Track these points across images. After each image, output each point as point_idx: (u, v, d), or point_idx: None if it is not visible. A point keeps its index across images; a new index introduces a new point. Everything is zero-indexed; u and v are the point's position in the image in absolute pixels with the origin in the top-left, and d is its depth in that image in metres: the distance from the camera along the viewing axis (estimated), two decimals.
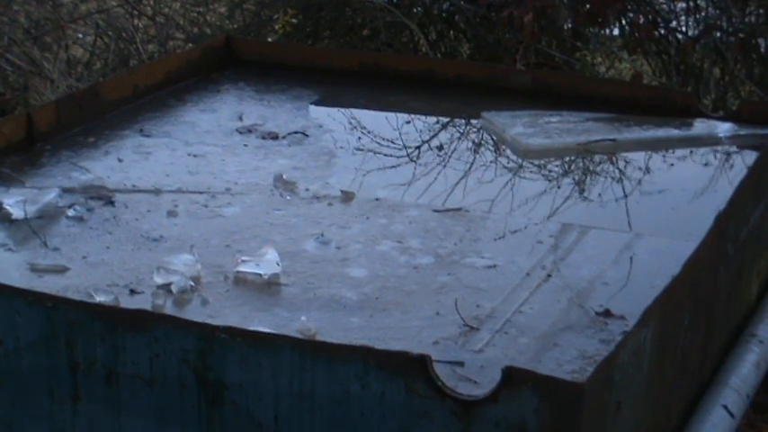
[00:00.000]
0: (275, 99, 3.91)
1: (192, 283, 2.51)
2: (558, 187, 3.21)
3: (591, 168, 3.35)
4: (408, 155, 3.45)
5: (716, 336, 2.79)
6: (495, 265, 2.69)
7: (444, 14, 6.07)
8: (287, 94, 3.96)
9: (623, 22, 5.73)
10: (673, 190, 3.21)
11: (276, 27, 6.40)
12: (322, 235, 2.83)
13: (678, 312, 2.42)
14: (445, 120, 3.76)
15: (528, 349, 2.31)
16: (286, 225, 2.89)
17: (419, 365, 1.97)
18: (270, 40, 6.15)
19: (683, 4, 5.77)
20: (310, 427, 2.06)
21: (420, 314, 2.45)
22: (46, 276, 2.57)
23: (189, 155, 3.36)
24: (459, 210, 3.01)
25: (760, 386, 2.85)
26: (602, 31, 5.89)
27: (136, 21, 6.58)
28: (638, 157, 3.47)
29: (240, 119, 3.68)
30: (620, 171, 3.35)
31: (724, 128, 3.66)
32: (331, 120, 3.72)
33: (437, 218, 2.96)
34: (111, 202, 2.98)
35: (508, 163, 3.40)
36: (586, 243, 2.84)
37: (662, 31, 5.68)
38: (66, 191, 3.01)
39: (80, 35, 6.77)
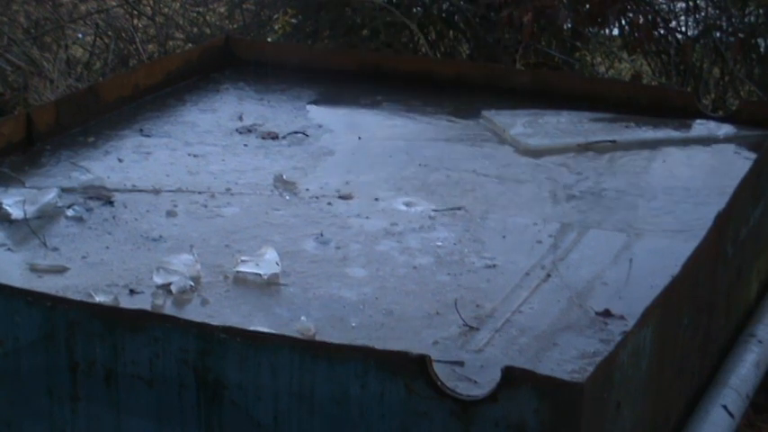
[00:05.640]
0: (275, 99, 3.91)
1: (192, 283, 2.52)
2: (558, 187, 3.21)
3: (591, 168, 3.35)
4: (408, 155, 3.44)
5: (715, 336, 2.79)
6: (494, 265, 2.69)
7: (444, 14, 6.06)
8: (287, 94, 3.96)
9: (623, 22, 5.73)
10: (673, 190, 3.21)
11: (276, 27, 6.39)
12: (321, 235, 2.83)
13: (677, 312, 2.42)
14: (445, 120, 3.76)
15: (528, 349, 2.31)
16: (286, 225, 2.89)
17: (419, 365, 1.97)
18: (270, 40, 6.15)
19: (683, 4, 5.77)
20: (309, 427, 2.06)
21: (420, 314, 2.45)
22: (45, 276, 2.57)
23: (189, 155, 3.36)
24: (459, 210, 3.01)
25: (759, 386, 2.85)
26: (602, 32, 5.89)
27: (135, 21, 6.58)
28: (638, 157, 3.47)
29: (240, 119, 3.68)
30: (620, 171, 3.35)
31: (724, 128, 3.66)
32: (331, 120, 3.72)
33: (437, 218, 2.96)
34: (110, 202, 2.98)
35: (508, 163, 3.39)
36: (586, 243, 2.84)
37: (661, 32, 5.68)
38: (66, 191, 3.01)
39: (80, 35, 6.77)
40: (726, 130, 3.65)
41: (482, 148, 3.50)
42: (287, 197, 3.07)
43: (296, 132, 3.57)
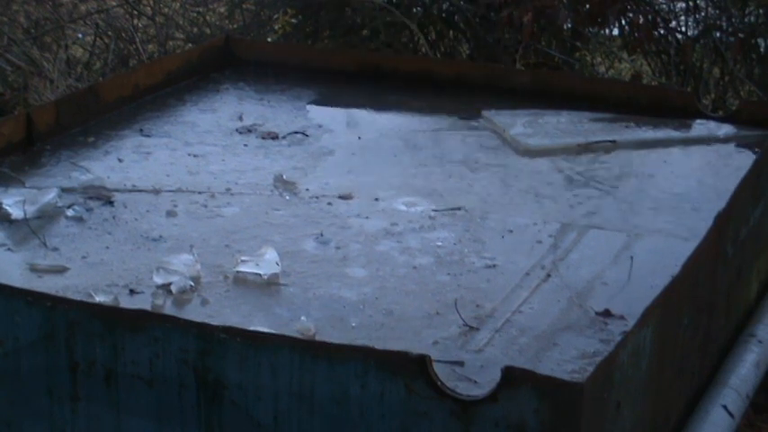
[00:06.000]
0: (275, 99, 3.91)
1: (192, 283, 2.52)
2: (558, 187, 3.21)
3: (591, 168, 3.35)
4: (408, 155, 3.45)
5: (715, 336, 2.79)
6: (494, 265, 2.69)
7: (444, 14, 6.06)
8: (287, 94, 3.96)
9: (623, 22, 5.73)
10: (673, 190, 3.21)
11: (276, 27, 6.40)
12: (321, 235, 2.83)
13: (677, 312, 2.42)
14: (445, 120, 3.76)
15: (528, 349, 2.31)
16: (286, 225, 2.89)
17: (419, 365, 1.97)
18: (270, 40, 6.15)
19: (683, 4, 5.77)
20: (309, 427, 2.06)
21: (420, 314, 2.45)
22: (45, 276, 2.57)
23: (189, 155, 3.36)
24: (459, 210, 3.01)
25: (759, 386, 2.85)
26: (602, 32, 5.89)
27: (136, 21, 6.58)
28: (638, 157, 3.47)
29: (240, 119, 3.68)
30: (620, 171, 3.35)
31: (724, 128, 3.66)
32: (331, 120, 3.72)
33: (437, 218, 2.96)
34: (110, 202, 2.98)
35: (508, 163, 3.39)
36: (586, 243, 2.83)
37: (661, 32, 5.68)
38: (66, 191, 3.01)
39: (80, 35, 6.77)
40: (726, 130, 3.65)
41: (482, 149, 3.50)
42: (287, 197, 3.07)
43: (296, 132, 3.57)
